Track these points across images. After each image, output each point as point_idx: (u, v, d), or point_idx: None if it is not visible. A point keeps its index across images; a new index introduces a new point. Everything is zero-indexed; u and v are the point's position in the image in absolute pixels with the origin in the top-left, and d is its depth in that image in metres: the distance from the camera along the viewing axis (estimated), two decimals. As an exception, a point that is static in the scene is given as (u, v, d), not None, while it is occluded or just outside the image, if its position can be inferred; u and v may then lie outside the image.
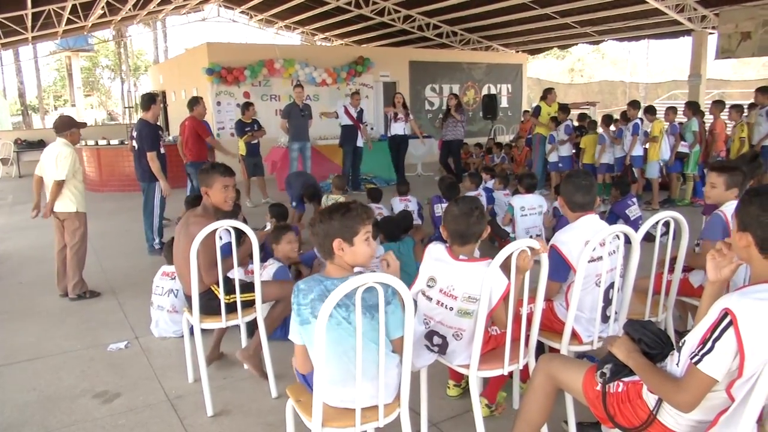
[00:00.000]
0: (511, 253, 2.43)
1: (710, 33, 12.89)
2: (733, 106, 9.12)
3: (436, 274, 2.66)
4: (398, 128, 10.86)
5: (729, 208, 3.19)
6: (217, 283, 3.19)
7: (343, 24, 17.96)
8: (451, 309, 2.60)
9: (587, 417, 2.70)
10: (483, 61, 16.99)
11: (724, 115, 9.47)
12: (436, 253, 2.71)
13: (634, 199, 6.57)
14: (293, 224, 5.95)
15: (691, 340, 1.84)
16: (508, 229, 6.18)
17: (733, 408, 1.77)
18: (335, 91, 14.20)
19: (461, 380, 3.31)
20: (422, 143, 12.26)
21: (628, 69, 31.50)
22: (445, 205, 5.70)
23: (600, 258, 2.72)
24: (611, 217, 6.27)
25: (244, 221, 4.99)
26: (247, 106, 9.68)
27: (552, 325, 2.93)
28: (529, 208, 5.98)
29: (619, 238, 2.85)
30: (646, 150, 8.81)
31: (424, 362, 2.73)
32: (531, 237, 5.46)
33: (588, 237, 2.70)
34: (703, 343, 1.74)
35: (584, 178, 3.06)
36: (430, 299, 2.67)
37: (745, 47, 11.74)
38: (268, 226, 4.29)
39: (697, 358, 1.74)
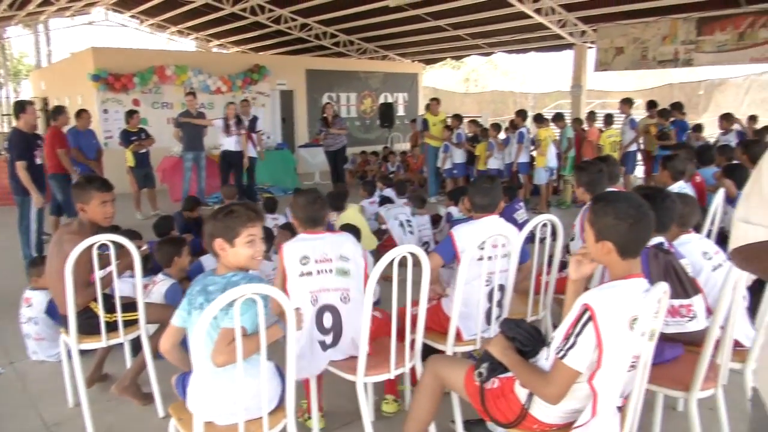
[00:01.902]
0: (393, 259, 2.49)
1: (589, 47, 13.76)
2: (606, 116, 9.84)
3: (307, 251, 2.77)
4: (230, 143, 9.43)
5: None
6: (95, 301, 3.05)
7: (239, 31, 17.65)
8: (331, 271, 2.78)
9: (474, 415, 2.80)
10: (380, 70, 17.25)
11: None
12: (294, 243, 2.82)
13: (521, 204, 6.88)
14: None
15: (558, 335, 1.96)
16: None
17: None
18: (230, 99, 13.88)
19: (397, 391, 3.29)
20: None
21: (519, 79, 33.00)
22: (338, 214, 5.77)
23: (490, 258, 2.85)
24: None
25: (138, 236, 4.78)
26: (131, 114, 9.26)
27: (441, 323, 3.01)
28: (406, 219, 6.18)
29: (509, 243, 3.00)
30: (533, 157, 9.31)
31: (316, 368, 2.74)
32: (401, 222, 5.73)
33: (484, 235, 2.82)
34: (567, 338, 1.86)
35: (487, 182, 3.22)
36: (310, 273, 2.75)
37: (620, 61, 12.65)
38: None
39: (562, 353, 1.87)
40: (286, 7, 15.11)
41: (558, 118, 9.92)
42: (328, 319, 2.77)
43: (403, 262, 2.53)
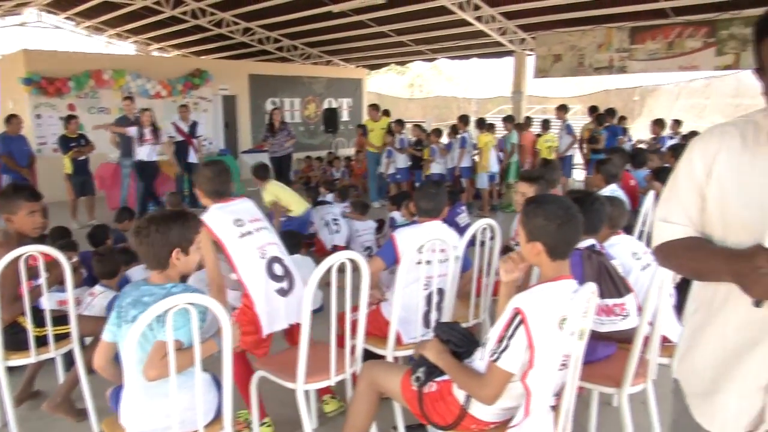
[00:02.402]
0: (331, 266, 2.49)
1: (529, 54, 14.11)
2: (543, 121, 10.13)
3: (237, 215, 2.91)
4: (143, 152, 8.92)
5: None
6: (24, 315, 2.92)
7: (179, 34, 17.27)
8: (265, 228, 3.01)
9: (415, 420, 2.81)
10: (324, 75, 17.21)
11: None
12: (217, 211, 2.90)
13: (463, 207, 6.98)
14: None
15: (492, 337, 2.00)
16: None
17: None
18: (171, 104, 13.58)
19: (330, 389, 3.27)
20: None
21: (463, 85, 33.52)
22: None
23: (429, 262, 2.88)
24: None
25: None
26: (69, 120, 8.92)
27: (381, 327, 3.02)
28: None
29: (455, 249, 3.04)
30: (475, 161, 9.46)
31: (284, 318, 2.90)
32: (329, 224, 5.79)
33: (425, 239, 2.85)
34: (500, 341, 1.90)
35: (433, 187, 3.25)
36: (250, 233, 2.90)
37: (558, 68, 13.02)
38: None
39: (495, 355, 1.91)
40: (228, 11, 14.89)
41: (508, 119, 10.14)
42: (278, 269, 2.92)
43: (342, 268, 2.53)
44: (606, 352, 2.76)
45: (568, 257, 2.00)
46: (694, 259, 1.45)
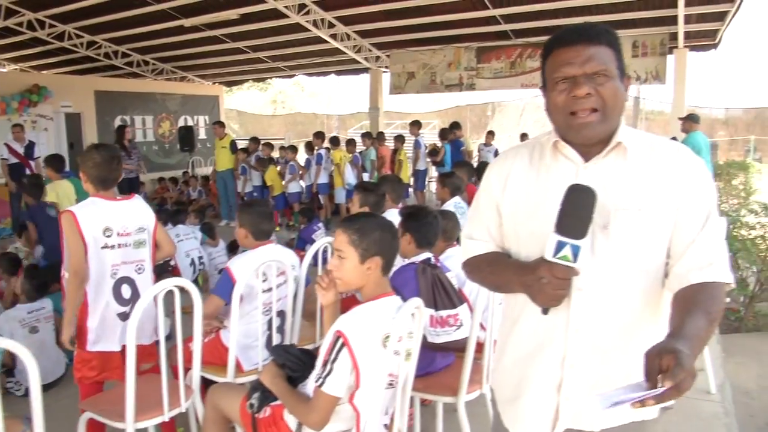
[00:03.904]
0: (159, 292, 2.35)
1: (384, 71, 14.51)
2: (397, 137, 10.43)
3: (109, 222, 2.72)
4: None
5: None
6: None
7: (16, 47, 15.83)
8: (129, 245, 2.81)
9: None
10: (178, 92, 16.57)
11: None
12: (92, 208, 2.74)
13: (320, 224, 6.99)
14: None
15: (318, 361, 1.97)
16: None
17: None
18: (5, 123, 12.40)
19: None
20: None
21: (325, 101, 33.77)
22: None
23: (268, 284, 2.80)
24: (300, 243, 6.58)
25: None
26: None
27: (221, 356, 2.89)
28: (183, 234, 5.91)
29: (294, 268, 2.97)
30: (332, 177, 9.50)
31: (117, 341, 2.76)
32: (192, 259, 5.55)
33: (261, 263, 2.76)
34: (324, 365, 1.88)
35: (262, 205, 3.15)
36: (112, 247, 2.76)
37: (412, 85, 13.53)
38: None
39: (320, 380, 1.87)
40: (70, 23, 13.88)
41: (367, 135, 10.28)
42: (126, 291, 2.80)
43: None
44: (445, 362, 2.83)
45: (389, 271, 2.03)
46: (493, 273, 1.54)
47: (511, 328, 1.54)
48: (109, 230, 2.73)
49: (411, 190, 10.27)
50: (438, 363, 2.78)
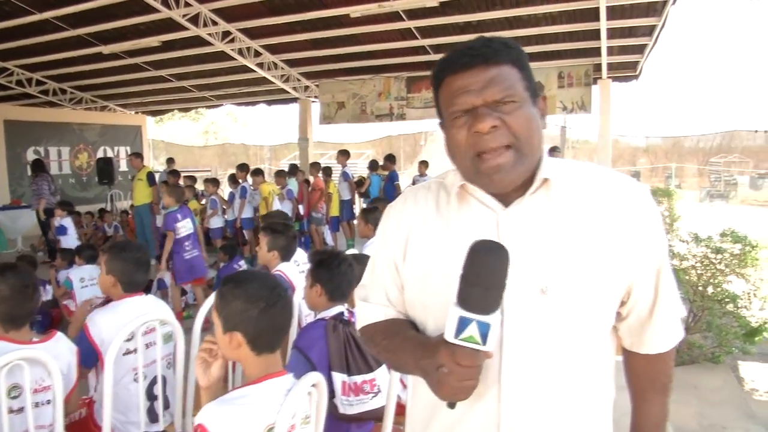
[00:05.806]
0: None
1: (313, 101, 14.22)
2: (324, 168, 10.08)
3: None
4: None
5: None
6: None
7: None
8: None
9: None
10: (97, 122, 15.75)
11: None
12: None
13: (242, 262, 6.52)
14: None
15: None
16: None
17: None
18: None
19: None
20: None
21: (257, 131, 33.27)
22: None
23: (135, 350, 2.36)
24: (218, 283, 6.10)
25: None
26: None
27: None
28: (89, 279, 5.41)
29: (165, 326, 2.55)
30: (257, 211, 9.04)
31: None
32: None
33: (130, 321, 2.34)
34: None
35: (139, 251, 2.71)
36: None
37: (342, 115, 13.27)
38: None
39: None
40: (-25, 48, 13.00)
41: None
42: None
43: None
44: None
45: (277, 348, 1.65)
46: (388, 350, 1.22)
47: (431, 414, 1.19)
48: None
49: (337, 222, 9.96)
50: (353, 434, 2.41)
